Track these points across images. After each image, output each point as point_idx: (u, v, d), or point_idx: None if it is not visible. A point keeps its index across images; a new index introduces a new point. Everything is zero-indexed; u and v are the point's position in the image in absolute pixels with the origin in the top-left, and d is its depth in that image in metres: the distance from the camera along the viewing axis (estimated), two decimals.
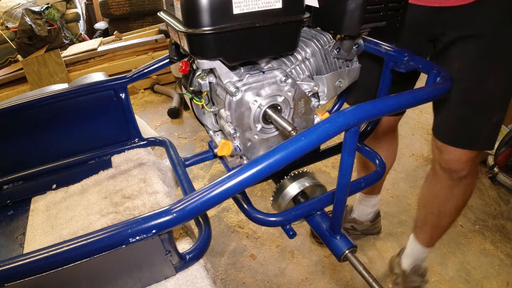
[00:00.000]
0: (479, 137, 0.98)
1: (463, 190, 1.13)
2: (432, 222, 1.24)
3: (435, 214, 1.21)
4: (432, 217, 1.23)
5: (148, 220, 0.50)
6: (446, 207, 1.17)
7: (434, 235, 1.28)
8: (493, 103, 0.93)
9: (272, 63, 0.74)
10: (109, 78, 0.93)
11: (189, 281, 0.64)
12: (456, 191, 1.13)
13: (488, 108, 0.94)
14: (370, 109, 0.54)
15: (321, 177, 2.04)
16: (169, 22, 0.67)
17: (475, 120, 0.96)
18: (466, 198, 1.16)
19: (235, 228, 1.75)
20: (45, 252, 0.47)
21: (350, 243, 0.69)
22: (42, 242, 0.78)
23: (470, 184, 1.12)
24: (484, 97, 0.93)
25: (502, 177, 1.89)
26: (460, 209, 1.19)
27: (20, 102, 0.86)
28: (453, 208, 1.17)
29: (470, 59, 0.89)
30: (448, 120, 1.00)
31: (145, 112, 3.05)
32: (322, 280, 1.48)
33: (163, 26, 3.54)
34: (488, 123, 0.96)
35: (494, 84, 0.91)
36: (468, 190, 1.14)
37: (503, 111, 0.96)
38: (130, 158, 0.98)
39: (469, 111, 0.95)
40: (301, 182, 0.74)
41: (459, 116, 0.97)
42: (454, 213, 1.19)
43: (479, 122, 0.96)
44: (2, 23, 3.62)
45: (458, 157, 1.03)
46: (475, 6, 0.85)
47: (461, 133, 0.99)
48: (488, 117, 0.95)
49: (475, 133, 0.98)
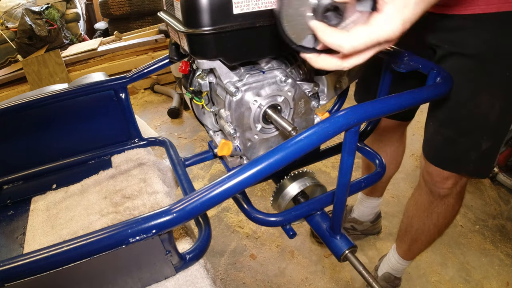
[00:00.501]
0: (466, 162, 0.91)
1: (444, 209, 1.07)
2: (411, 235, 1.20)
3: (414, 228, 1.17)
4: (411, 230, 1.19)
5: (148, 220, 0.50)
6: (425, 223, 1.13)
7: (412, 249, 1.24)
8: (484, 127, 0.86)
9: (272, 63, 0.74)
10: (109, 78, 0.93)
11: (189, 281, 0.64)
12: (436, 209, 1.08)
13: (477, 132, 0.87)
14: (370, 109, 0.54)
15: (321, 177, 2.04)
16: (169, 22, 0.67)
17: (462, 143, 0.89)
18: (447, 219, 1.10)
19: (235, 228, 1.75)
20: (45, 252, 0.48)
21: (350, 243, 0.69)
22: (42, 242, 0.78)
23: (452, 206, 1.06)
24: (472, 120, 0.86)
25: (502, 177, 1.89)
26: (440, 228, 1.13)
27: (20, 102, 0.86)
28: (432, 226, 1.12)
29: (461, 76, 0.82)
30: (434, 137, 0.94)
31: (145, 112, 3.05)
32: (322, 280, 1.48)
33: (163, 26, 3.54)
34: (477, 149, 0.88)
35: (486, 107, 0.83)
36: (450, 211, 1.08)
37: (497, 138, 0.89)
38: (130, 158, 0.98)
39: (455, 132, 0.89)
40: (301, 182, 0.74)
41: (445, 135, 0.91)
42: (433, 231, 1.14)
43: (466, 146, 0.89)
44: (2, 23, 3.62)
45: (440, 176, 0.99)
46: (472, 21, 0.79)
47: (446, 155, 0.93)
48: (477, 142, 0.88)
49: (461, 157, 0.91)
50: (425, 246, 1.22)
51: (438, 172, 0.98)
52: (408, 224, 1.20)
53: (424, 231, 1.15)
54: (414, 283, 1.47)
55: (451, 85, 0.68)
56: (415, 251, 1.26)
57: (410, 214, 1.18)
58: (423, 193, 1.10)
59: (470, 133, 0.88)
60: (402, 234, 1.26)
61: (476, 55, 0.81)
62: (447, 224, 1.12)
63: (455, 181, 0.99)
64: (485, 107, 0.84)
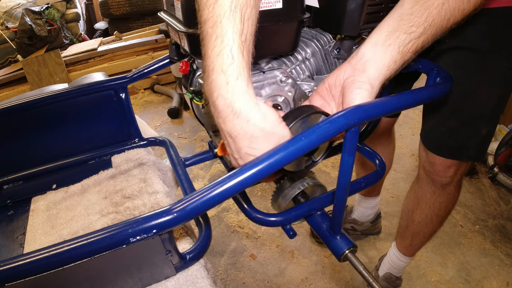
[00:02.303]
0: (468, 148, 0.95)
1: (445, 198, 1.10)
2: (413, 230, 1.22)
3: (416, 221, 1.19)
4: (413, 224, 1.21)
5: (149, 220, 0.50)
6: (428, 214, 1.15)
7: (414, 244, 1.26)
8: (483, 115, 0.91)
9: (272, 63, 0.74)
10: (109, 78, 0.93)
11: (189, 281, 0.64)
12: (438, 199, 1.11)
13: (478, 121, 0.91)
14: (370, 109, 0.54)
15: (321, 177, 2.04)
16: (170, 22, 0.67)
17: (464, 131, 0.93)
18: (448, 208, 1.14)
19: (235, 228, 1.75)
20: (45, 252, 0.47)
21: (350, 243, 0.69)
22: (42, 242, 0.78)
23: (453, 194, 1.10)
24: (474, 109, 0.90)
25: (502, 177, 1.89)
26: (441, 218, 1.17)
27: (20, 102, 0.86)
28: (435, 216, 1.15)
29: (463, 70, 0.86)
30: (436, 129, 0.98)
31: (145, 112, 3.05)
32: (322, 280, 1.48)
33: (163, 26, 3.54)
34: (478, 135, 0.93)
35: (486, 97, 0.88)
36: (450, 200, 1.11)
37: (494, 123, 0.94)
38: (130, 158, 0.98)
39: (458, 122, 0.93)
40: (301, 182, 0.74)
41: (447, 126, 0.94)
42: (435, 221, 1.17)
43: (468, 134, 0.93)
44: (2, 23, 3.62)
45: (443, 165, 1.01)
46: (472, 16, 0.82)
47: (449, 144, 0.97)
48: (478, 129, 0.92)
49: (464, 145, 0.95)
50: (426, 239, 1.25)
51: (442, 161, 1.00)
52: (409, 219, 1.22)
53: (427, 223, 1.18)
54: (414, 283, 1.47)
55: (451, 85, 0.68)
56: (417, 246, 1.27)
57: (410, 208, 1.20)
58: (423, 185, 1.13)
59: (471, 122, 0.91)
60: (402, 230, 1.27)
61: (476, 49, 0.84)
62: (448, 213, 1.16)
63: (457, 169, 1.02)
64: (485, 97, 0.88)
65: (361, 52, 0.57)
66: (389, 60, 0.56)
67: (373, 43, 0.57)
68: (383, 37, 0.56)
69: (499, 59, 0.84)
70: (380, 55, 0.56)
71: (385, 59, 0.55)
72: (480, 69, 0.86)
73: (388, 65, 0.56)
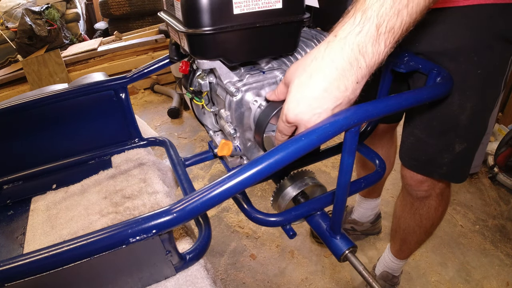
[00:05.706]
0: (440, 165, 0.87)
1: (426, 211, 1.04)
2: (400, 236, 1.20)
3: (401, 228, 1.17)
4: (399, 230, 1.19)
5: (148, 220, 0.50)
6: (410, 224, 1.11)
7: (403, 249, 1.24)
8: (456, 129, 0.82)
9: (272, 63, 0.74)
10: (109, 78, 0.93)
11: (189, 281, 0.64)
12: (418, 210, 1.06)
13: (450, 134, 0.83)
14: (370, 109, 0.54)
15: (321, 177, 2.04)
16: (170, 22, 0.67)
17: (433, 144, 0.85)
18: (431, 220, 1.07)
19: (235, 228, 1.75)
20: (45, 252, 0.47)
21: (350, 243, 0.69)
22: (42, 242, 0.78)
23: (435, 207, 1.03)
24: (443, 120, 0.82)
25: (502, 177, 1.89)
26: (426, 230, 1.11)
27: (20, 102, 0.86)
28: (417, 227, 1.10)
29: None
30: (406, 139, 0.91)
31: (145, 112, 3.05)
32: (322, 280, 1.48)
33: (163, 26, 3.54)
34: (450, 151, 0.85)
35: (456, 107, 0.79)
36: (432, 213, 1.04)
37: (471, 141, 0.84)
38: (130, 158, 0.98)
39: (426, 133, 0.85)
40: (301, 182, 0.74)
41: (416, 137, 0.88)
42: (418, 232, 1.12)
43: (439, 148, 0.85)
44: (2, 23, 3.62)
45: (414, 179, 0.96)
46: (435, 16, 0.74)
47: (417, 157, 0.90)
48: (450, 143, 0.84)
49: (434, 159, 0.87)
50: (414, 247, 1.22)
51: (412, 175, 0.96)
52: (397, 225, 1.20)
53: (410, 232, 1.15)
54: (414, 283, 1.47)
55: (451, 85, 0.68)
56: (406, 251, 1.25)
57: (397, 214, 1.18)
58: (405, 195, 1.09)
59: (442, 135, 0.84)
60: (393, 234, 1.26)
61: (444, 52, 0.76)
62: (432, 225, 1.10)
63: (432, 184, 0.96)
64: (456, 108, 0.80)
65: None
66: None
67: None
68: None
69: (469, 65, 0.75)
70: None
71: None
72: (454, 74, 0.74)
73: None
